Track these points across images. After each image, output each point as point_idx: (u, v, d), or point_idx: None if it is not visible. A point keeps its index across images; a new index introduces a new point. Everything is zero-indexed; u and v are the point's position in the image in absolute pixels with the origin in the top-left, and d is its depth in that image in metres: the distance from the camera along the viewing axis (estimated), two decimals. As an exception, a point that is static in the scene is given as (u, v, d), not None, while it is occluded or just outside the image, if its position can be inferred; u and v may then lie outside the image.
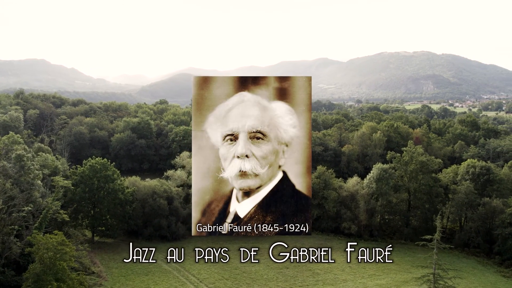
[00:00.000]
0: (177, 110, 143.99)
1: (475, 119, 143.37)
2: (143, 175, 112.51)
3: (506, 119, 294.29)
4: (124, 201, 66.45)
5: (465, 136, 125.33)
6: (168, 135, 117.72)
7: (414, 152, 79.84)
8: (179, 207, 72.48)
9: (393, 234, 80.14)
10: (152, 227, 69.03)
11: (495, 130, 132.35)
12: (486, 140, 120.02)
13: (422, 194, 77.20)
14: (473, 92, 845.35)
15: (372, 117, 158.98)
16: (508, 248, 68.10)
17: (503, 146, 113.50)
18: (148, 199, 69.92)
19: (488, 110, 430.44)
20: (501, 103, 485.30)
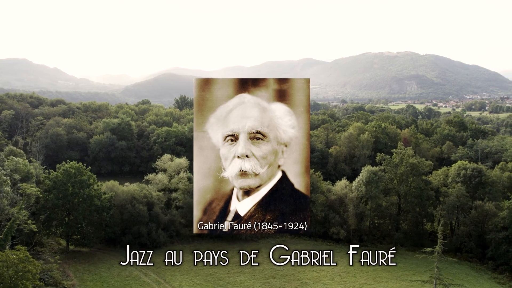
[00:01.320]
0: (159, 111, 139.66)
1: (462, 119, 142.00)
2: (124, 178, 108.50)
3: (490, 119, 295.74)
4: (100, 207, 62.52)
5: (453, 137, 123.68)
6: (149, 137, 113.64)
7: (404, 154, 77.26)
8: (160, 213, 68.75)
9: (383, 238, 77.44)
10: (131, 234, 65.21)
11: (482, 130, 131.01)
12: (474, 140, 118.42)
13: (412, 198, 74.63)
14: (456, 92, 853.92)
15: (359, 117, 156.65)
16: (502, 253, 65.81)
17: (492, 147, 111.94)
18: (126, 205, 66.12)
19: (472, 110, 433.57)
20: (484, 103, 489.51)
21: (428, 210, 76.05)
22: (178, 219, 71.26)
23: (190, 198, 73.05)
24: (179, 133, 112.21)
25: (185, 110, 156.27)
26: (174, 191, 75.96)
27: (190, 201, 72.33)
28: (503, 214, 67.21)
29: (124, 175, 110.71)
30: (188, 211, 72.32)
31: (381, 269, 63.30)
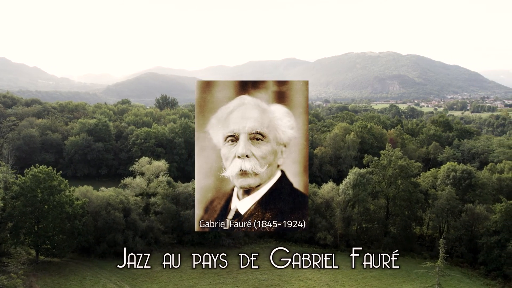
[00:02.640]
0: (139, 111, 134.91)
1: (447, 119, 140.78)
2: (101, 181, 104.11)
3: (472, 118, 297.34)
4: (72, 215, 58.27)
5: (439, 137, 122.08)
6: (128, 138, 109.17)
7: (392, 156, 74.59)
8: (137, 219, 64.71)
9: (371, 243, 74.60)
10: (105, 243, 61.17)
11: (468, 130, 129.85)
12: (460, 141, 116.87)
13: (401, 201, 72.00)
14: (437, 92, 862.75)
15: (344, 117, 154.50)
16: (494, 258, 63.56)
17: (478, 147, 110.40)
18: (101, 211, 62.01)
19: (454, 109, 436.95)
20: (465, 103, 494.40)
21: (418, 213, 73.54)
22: (157, 225, 67.28)
23: (169, 203, 69.38)
24: (159, 134, 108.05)
25: (166, 110, 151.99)
26: (152, 195, 72.04)
27: (169, 206, 68.69)
28: (495, 217, 65.01)
29: (102, 178, 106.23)
30: (167, 217, 68.59)
31: (370, 277, 60.59)
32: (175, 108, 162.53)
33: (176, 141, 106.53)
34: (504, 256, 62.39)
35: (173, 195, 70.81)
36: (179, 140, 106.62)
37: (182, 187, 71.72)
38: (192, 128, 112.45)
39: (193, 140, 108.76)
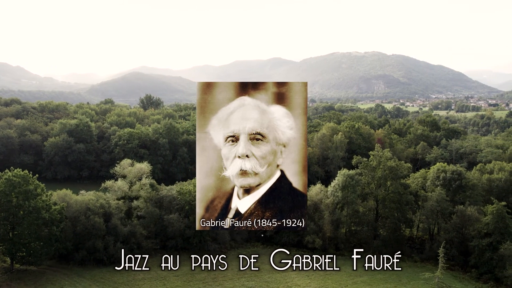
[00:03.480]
0: (122, 111, 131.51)
1: (434, 119, 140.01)
2: (83, 183, 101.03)
3: (457, 118, 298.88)
4: (49, 220, 55.46)
5: (427, 137, 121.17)
6: (111, 139, 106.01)
7: (381, 157, 72.91)
8: (118, 224, 62.09)
9: (360, 246, 72.77)
10: (85, 250, 58.44)
11: (455, 130, 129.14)
12: (448, 141, 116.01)
13: (391, 203, 70.35)
14: (422, 91, 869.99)
15: (331, 117, 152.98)
16: (486, 261, 62.30)
17: (466, 147, 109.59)
18: (80, 217, 59.24)
19: (438, 109, 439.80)
20: (450, 103, 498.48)
21: (407, 215, 71.97)
22: (140, 230, 64.69)
23: (152, 206, 66.84)
24: (143, 135, 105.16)
25: (150, 110, 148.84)
26: (135, 199, 69.41)
27: (152, 210, 66.14)
28: (486, 219, 63.72)
29: (83, 181, 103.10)
30: (150, 221, 66.02)
31: (360, 282, 58.92)
32: (160, 108, 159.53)
33: (160, 142, 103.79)
34: (496, 259, 61.14)
35: (157, 199, 68.25)
36: (163, 141, 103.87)
37: (166, 190, 69.17)
38: (177, 129, 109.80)
39: (178, 141, 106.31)
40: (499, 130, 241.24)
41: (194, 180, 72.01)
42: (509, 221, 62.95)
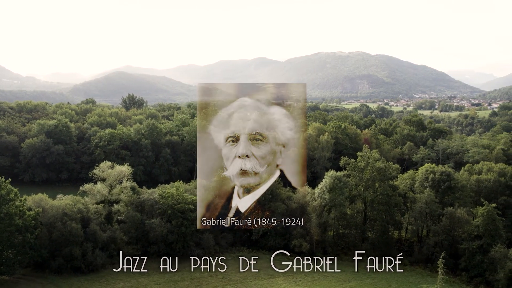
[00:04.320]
0: (103, 111, 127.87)
1: (420, 118, 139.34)
2: (62, 186, 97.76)
3: (441, 117, 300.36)
4: (23, 227, 52.55)
5: (413, 137, 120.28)
6: (91, 140, 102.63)
7: (369, 158, 71.25)
8: (97, 230, 59.29)
9: (348, 249, 71.15)
10: (62, 257, 55.60)
11: (441, 130, 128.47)
12: (434, 141, 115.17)
13: (379, 205, 68.74)
14: (405, 91, 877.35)
15: (316, 117, 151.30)
16: (476, 264, 61.04)
17: (453, 147, 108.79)
18: (56, 223, 56.34)
19: (422, 109, 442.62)
20: (433, 102, 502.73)
21: (396, 217, 70.44)
22: (120, 235, 62.05)
23: (133, 211, 64.15)
24: (124, 136, 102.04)
25: (133, 110, 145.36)
26: (115, 203, 66.61)
27: (133, 215, 63.47)
28: (477, 221, 62.45)
29: (63, 183, 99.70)
30: (131, 226, 63.34)
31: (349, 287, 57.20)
32: (142, 108, 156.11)
33: (142, 143, 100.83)
34: (486, 262, 59.91)
35: (138, 202, 65.57)
36: (146, 142, 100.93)
37: (147, 194, 66.55)
38: (159, 129, 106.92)
39: (160, 142, 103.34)
40: (483, 129, 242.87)
41: (177, 183, 69.54)
42: (499, 223, 61.78)
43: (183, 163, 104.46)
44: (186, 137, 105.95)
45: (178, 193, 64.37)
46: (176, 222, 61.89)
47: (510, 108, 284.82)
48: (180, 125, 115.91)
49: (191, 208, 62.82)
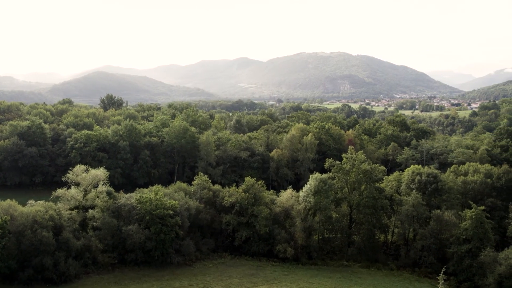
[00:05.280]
0: (80, 111, 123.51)
1: (404, 119, 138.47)
2: (36, 190, 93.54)
3: (423, 117, 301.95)
4: (-12, 236, 48.81)
5: (397, 137, 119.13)
6: (66, 141, 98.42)
7: (355, 160, 69.26)
8: (70, 238, 55.80)
9: (334, 254, 69.09)
10: (31, 268, 52.00)
11: (425, 130, 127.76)
12: (418, 141, 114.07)
13: (366, 208, 66.81)
14: (386, 91, 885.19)
15: (299, 117, 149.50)
16: (465, 268, 59.56)
17: (437, 148, 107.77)
18: (25, 231, 52.65)
19: (403, 109, 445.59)
20: (414, 102, 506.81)
21: (383, 221, 68.60)
22: (95, 243, 58.69)
23: (109, 217, 60.85)
24: (101, 137, 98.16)
25: (111, 110, 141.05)
26: (90, 208, 63.20)
27: (109, 221, 60.19)
28: (465, 225, 60.94)
29: (36, 187, 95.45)
30: (107, 233, 60.05)
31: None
32: (121, 108, 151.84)
33: (120, 144, 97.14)
34: (475, 266, 58.46)
35: (114, 208, 62.30)
36: (124, 143, 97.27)
37: (124, 199, 63.31)
38: (138, 130, 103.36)
39: (139, 144, 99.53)
40: (464, 129, 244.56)
41: (155, 187, 66.44)
42: (488, 226, 60.35)
43: (163, 165, 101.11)
44: (166, 138, 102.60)
45: (157, 198, 61.37)
46: (155, 228, 58.91)
47: (490, 108, 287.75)
48: (160, 126, 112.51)
49: (171, 214, 60.08)
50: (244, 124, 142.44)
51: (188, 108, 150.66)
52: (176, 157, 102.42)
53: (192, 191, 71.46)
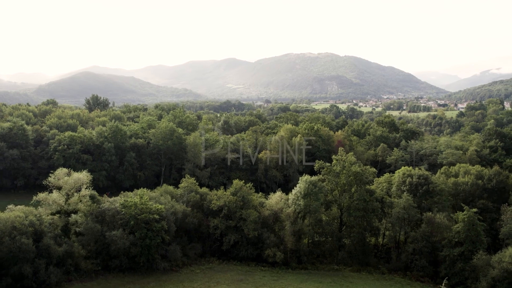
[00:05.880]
0: (64, 112, 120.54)
1: (393, 119, 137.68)
2: (17, 194, 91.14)
3: (410, 118, 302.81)
4: (-36, 244, 46.50)
5: (386, 138, 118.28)
6: (49, 143, 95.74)
7: (345, 161, 67.94)
8: (51, 244, 53.58)
9: (325, 258, 67.65)
10: (10, 277, 49.80)
11: (414, 131, 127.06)
12: (407, 142, 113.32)
13: (356, 211, 65.42)
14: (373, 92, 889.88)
15: (288, 118, 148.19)
16: (457, 271, 58.51)
17: (426, 149, 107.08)
18: (4, 238, 50.38)
19: (391, 109, 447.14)
20: (401, 103, 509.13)
21: (374, 223, 67.34)
22: (78, 249, 56.55)
23: (93, 222, 58.69)
24: (86, 139, 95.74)
25: (96, 111, 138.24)
26: (73, 213, 60.97)
27: (93, 226, 58.02)
28: (457, 227, 59.87)
29: (18, 191, 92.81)
30: (90, 239, 57.88)
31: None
32: (107, 109, 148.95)
33: (105, 146, 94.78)
34: (468, 270, 57.43)
35: (98, 213, 60.15)
36: (109, 145, 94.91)
37: (108, 203, 61.13)
38: (124, 132, 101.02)
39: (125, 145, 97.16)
40: (451, 130, 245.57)
41: (140, 191, 64.36)
42: (480, 229, 59.37)
43: (149, 167, 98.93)
44: (153, 140, 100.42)
45: (142, 202, 59.37)
46: (140, 233, 56.94)
47: (476, 108, 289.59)
48: (146, 127, 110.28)
49: (156, 218, 58.17)
50: (232, 125, 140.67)
51: (175, 109, 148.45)
52: (162, 159, 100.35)
53: (178, 194, 69.56)
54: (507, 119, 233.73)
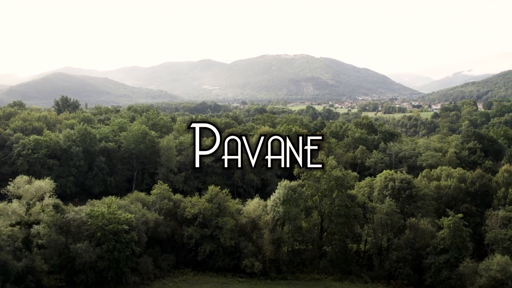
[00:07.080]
0: (30, 115, 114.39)
1: (371, 121, 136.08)
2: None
3: (386, 119, 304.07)
4: None
5: (365, 140, 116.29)
6: (13, 148, 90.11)
7: (326, 165, 64.97)
8: (9, 259, 49.24)
9: (305, 267, 64.61)
10: (-40, 298, 45.05)
11: (392, 132, 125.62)
12: (386, 144, 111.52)
13: (338, 217, 62.69)
14: (349, 93, 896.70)
15: (265, 120, 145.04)
16: (443, 280, 56.40)
17: (405, 151, 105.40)
18: (-47, 254, 45.66)
19: (366, 110, 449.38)
20: (377, 104, 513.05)
21: (356, 230, 64.69)
22: (40, 264, 52.04)
23: (56, 233, 54.32)
24: (52, 143, 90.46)
25: (65, 113, 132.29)
26: (35, 224, 56.29)
27: (56, 238, 53.71)
28: (442, 234, 57.70)
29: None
30: (54, 252, 53.48)
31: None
32: (77, 111, 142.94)
33: (73, 150, 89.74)
34: (454, 278, 55.35)
35: (62, 223, 55.90)
36: (77, 149, 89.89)
37: (74, 213, 56.83)
38: (93, 135, 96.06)
39: (94, 149, 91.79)
40: (427, 131, 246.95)
41: (108, 199, 60.12)
42: (466, 235, 57.30)
43: (121, 172, 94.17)
44: (124, 143, 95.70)
45: (110, 212, 55.23)
46: (108, 246, 52.95)
47: (451, 109, 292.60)
48: (117, 130, 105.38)
49: (126, 229, 54.20)
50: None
51: (148, 110, 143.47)
52: (134, 164, 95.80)
53: (150, 202, 65.57)
54: (481, 120, 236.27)
